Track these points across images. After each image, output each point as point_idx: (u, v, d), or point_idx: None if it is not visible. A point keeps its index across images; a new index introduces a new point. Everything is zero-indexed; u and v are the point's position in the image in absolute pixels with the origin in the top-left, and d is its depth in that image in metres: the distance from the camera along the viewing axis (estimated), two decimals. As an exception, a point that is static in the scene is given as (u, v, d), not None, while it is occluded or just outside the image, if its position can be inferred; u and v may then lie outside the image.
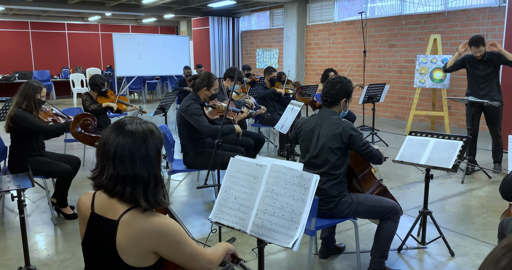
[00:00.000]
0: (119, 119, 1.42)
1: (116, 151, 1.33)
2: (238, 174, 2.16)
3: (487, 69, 5.06)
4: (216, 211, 2.17)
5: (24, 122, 3.50)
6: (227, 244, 1.71)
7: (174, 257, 1.38)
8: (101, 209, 1.38)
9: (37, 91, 3.56)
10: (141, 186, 1.36)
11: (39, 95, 3.58)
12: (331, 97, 2.72)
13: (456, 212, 4.09)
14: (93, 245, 1.39)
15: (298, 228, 1.88)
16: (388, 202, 2.76)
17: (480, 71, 5.10)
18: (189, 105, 3.87)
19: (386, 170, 5.43)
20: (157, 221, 1.34)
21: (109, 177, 1.33)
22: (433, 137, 3.23)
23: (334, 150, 2.64)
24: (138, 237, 1.31)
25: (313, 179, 1.93)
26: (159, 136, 1.42)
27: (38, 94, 3.57)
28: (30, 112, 3.55)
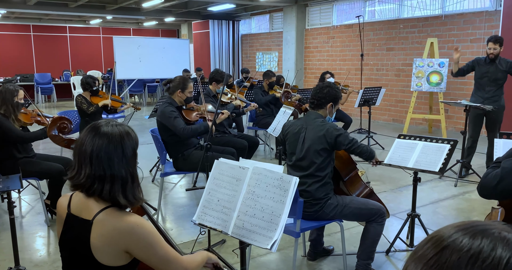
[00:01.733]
0: (94, 122, 1.47)
1: (93, 151, 1.38)
2: (222, 176, 2.20)
3: (497, 73, 5.06)
4: (200, 212, 2.21)
5: (3, 129, 3.54)
6: (208, 253, 1.71)
7: (146, 259, 1.41)
8: (77, 210, 1.42)
9: (14, 95, 3.60)
10: (119, 184, 1.40)
11: (17, 98, 3.62)
12: (318, 100, 2.76)
13: (447, 215, 4.11)
14: (69, 244, 1.43)
15: (277, 229, 1.91)
16: (373, 204, 2.79)
17: (490, 74, 5.10)
18: (164, 109, 3.89)
19: (381, 173, 5.45)
20: (129, 221, 1.37)
21: (87, 176, 1.38)
22: (422, 141, 3.26)
23: (319, 152, 2.68)
24: (111, 236, 1.35)
25: (292, 181, 1.96)
26: (135, 137, 1.47)
27: (16, 97, 3.61)
28: (8, 116, 3.59)
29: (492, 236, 0.58)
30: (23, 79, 13.48)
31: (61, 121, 3.18)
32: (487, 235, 0.58)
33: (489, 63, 5.10)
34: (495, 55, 5.00)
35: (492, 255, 0.55)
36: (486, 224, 0.62)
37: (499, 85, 5.13)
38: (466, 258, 0.56)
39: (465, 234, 0.59)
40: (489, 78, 5.12)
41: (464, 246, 0.57)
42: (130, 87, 13.00)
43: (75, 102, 5.20)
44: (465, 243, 0.58)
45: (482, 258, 0.55)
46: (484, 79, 5.16)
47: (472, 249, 0.56)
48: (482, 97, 5.15)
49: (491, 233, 0.58)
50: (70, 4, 11.60)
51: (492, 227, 0.60)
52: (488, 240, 0.57)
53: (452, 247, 0.58)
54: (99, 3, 11.92)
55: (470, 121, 5.18)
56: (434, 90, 7.63)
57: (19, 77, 13.42)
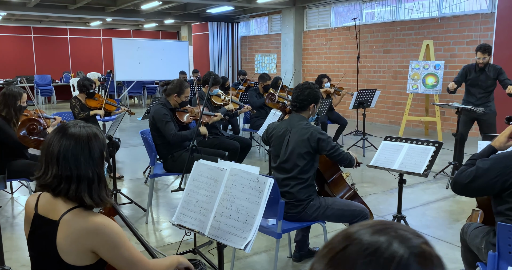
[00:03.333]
0: (63, 123, 1.49)
1: (60, 152, 1.40)
2: (201, 178, 2.22)
3: (487, 81, 5.09)
4: (179, 213, 2.23)
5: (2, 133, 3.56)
6: (179, 257, 1.72)
7: (110, 259, 1.43)
8: (44, 210, 1.44)
9: (17, 98, 3.63)
10: (85, 184, 1.42)
11: (20, 102, 3.65)
12: (300, 103, 2.78)
13: (437, 217, 4.12)
14: (36, 245, 1.46)
15: (252, 230, 1.93)
16: (356, 206, 2.80)
17: (480, 80, 5.13)
18: (157, 111, 3.93)
19: (373, 175, 5.46)
20: (96, 221, 1.39)
21: (53, 176, 1.40)
22: (407, 143, 3.27)
23: (303, 155, 2.69)
24: (77, 236, 1.37)
25: (267, 182, 1.98)
26: (102, 139, 1.49)
27: (19, 101, 3.64)
28: (10, 119, 3.62)
29: (387, 233, 0.61)
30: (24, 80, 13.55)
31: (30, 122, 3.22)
32: (384, 233, 0.61)
33: (479, 71, 5.13)
34: (484, 64, 5.04)
35: (388, 250, 0.59)
36: (388, 223, 0.65)
37: (490, 92, 5.17)
38: (366, 252, 0.60)
39: (369, 231, 0.62)
40: (480, 86, 5.16)
41: (366, 242, 0.61)
42: (129, 88, 13.05)
43: (70, 104, 5.24)
44: (367, 239, 0.61)
45: (379, 253, 0.59)
46: (475, 87, 5.20)
47: (372, 244, 0.60)
48: (474, 103, 5.18)
49: (387, 231, 0.62)
50: (70, 6, 11.66)
51: (392, 226, 0.64)
52: (383, 236, 0.60)
53: (356, 243, 0.62)
54: (98, 5, 11.98)
55: (461, 123, 5.20)
56: (430, 92, 7.64)
57: (20, 79, 13.48)
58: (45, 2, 11.08)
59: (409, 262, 0.58)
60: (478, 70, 5.11)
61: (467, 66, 5.28)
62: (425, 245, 0.62)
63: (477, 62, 5.06)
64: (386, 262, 0.58)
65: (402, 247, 0.60)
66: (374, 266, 0.58)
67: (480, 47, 5.07)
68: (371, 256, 0.59)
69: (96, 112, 5.12)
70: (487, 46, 5.05)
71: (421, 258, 0.60)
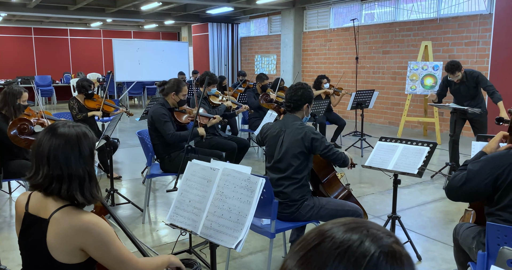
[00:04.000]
0: (52, 123, 1.51)
1: (50, 151, 1.42)
2: (194, 178, 2.24)
3: (468, 90, 5.13)
4: (172, 213, 2.25)
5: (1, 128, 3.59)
6: (170, 257, 1.73)
7: (100, 258, 1.44)
8: (35, 209, 1.46)
9: (17, 97, 3.66)
10: (77, 182, 1.44)
11: (20, 100, 3.67)
12: (294, 103, 2.79)
13: (433, 217, 4.13)
14: (26, 243, 1.47)
15: (243, 229, 1.94)
16: (350, 206, 2.82)
17: (462, 91, 5.18)
18: (156, 110, 3.96)
19: (370, 175, 5.48)
20: (85, 219, 1.41)
21: (44, 176, 1.42)
22: (402, 143, 3.29)
23: (297, 155, 2.71)
24: (66, 234, 1.39)
25: (259, 182, 2.00)
26: (92, 137, 1.51)
27: (19, 100, 3.66)
28: (9, 117, 3.64)
29: (360, 231, 0.62)
30: (24, 81, 13.58)
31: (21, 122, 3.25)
32: (357, 231, 0.62)
33: (459, 83, 5.15)
34: (461, 80, 5.07)
35: (359, 248, 0.61)
36: (361, 221, 0.67)
37: (476, 97, 5.19)
38: (338, 250, 0.61)
39: (342, 229, 0.63)
40: (464, 96, 5.20)
41: (338, 239, 0.62)
42: (129, 89, 13.07)
43: (68, 105, 5.26)
44: (340, 237, 0.62)
45: (350, 251, 0.61)
46: (459, 96, 5.25)
47: (344, 242, 0.61)
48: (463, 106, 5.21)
49: (360, 229, 0.63)
50: (70, 7, 11.70)
51: (365, 225, 0.65)
52: (356, 234, 0.62)
53: (329, 240, 0.63)
54: (98, 6, 12.01)
55: (452, 123, 5.23)
56: (428, 93, 7.62)
57: (20, 79, 13.52)
58: (45, 3, 11.11)
59: (380, 260, 0.60)
60: (458, 83, 5.15)
61: (445, 79, 5.30)
62: (396, 244, 0.64)
63: (454, 81, 5.11)
64: (357, 260, 0.59)
65: (373, 245, 0.61)
66: (345, 264, 0.59)
67: (447, 69, 5.07)
68: (342, 254, 0.60)
69: (94, 113, 5.15)
70: (452, 66, 5.03)
71: (391, 257, 0.61)
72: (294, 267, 0.62)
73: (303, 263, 0.61)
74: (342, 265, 0.59)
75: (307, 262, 0.61)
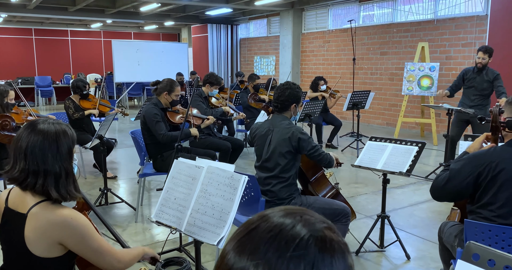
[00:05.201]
0: (33, 119, 1.54)
1: (28, 147, 1.45)
2: (179, 176, 2.26)
3: (483, 83, 5.15)
4: (158, 210, 2.28)
5: None
6: (144, 248, 1.77)
7: (79, 250, 1.47)
8: (14, 204, 1.49)
9: (4, 95, 3.71)
10: (52, 178, 1.47)
11: (7, 99, 3.72)
12: (281, 103, 2.82)
13: (424, 217, 4.15)
14: (5, 237, 1.50)
15: (225, 226, 1.97)
16: (338, 204, 2.84)
17: (476, 82, 5.20)
18: (148, 110, 3.99)
19: (364, 176, 5.49)
20: (63, 214, 1.44)
21: (21, 170, 1.45)
22: (391, 143, 3.31)
23: (284, 154, 2.73)
24: (44, 228, 1.41)
25: (241, 180, 2.02)
26: (72, 135, 1.54)
27: (6, 98, 3.71)
28: None
29: (295, 217, 0.65)
30: (24, 82, 13.67)
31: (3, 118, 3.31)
32: (292, 216, 0.65)
33: (476, 73, 5.19)
34: (483, 65, 5.10)
35: (290, 232, 0.63)
36: (299, 209, 0.69)
37: (485, 96, 5.21)
38: (270, 234, 0.63)
39: (279, 214, 0.66)
40: (476, 88, 5.21)
41: (273, 223, 0.65)
42: (128, 90, 13.11)
43: (64, 105, 5.30)
44: (275, 221, 0.65)
45: (282, 234, 0.63)
46: (471, 88, 5.26)
47: (277, 226, 0.64)
48: (467, 104, 5.23)
49: (295, 215, 0.65)
50: (70, 8, 11.75)
51: (301, 211, 0.67)
52: (290, 219, 0.64)
53: (265, 223, 0.65)
54: (98, 7, 12.07)
55: (453, 124, 5.24)
56: (425, 94, 7.66)
57: (20, 80, 13.60)
58: (45, 4, 11.17)
59: (309, 243, 0.62)
60: (476, 71, 5.19)
61: (465, 68, 5.40)
62: (327, 230, 0.65)
63: (476, 62, 5.15)
64: (287, 242, 0.61)
65: (304, 229, 0.63)
66: (275, 246, 0.61)
67: (482, 47, 5.19)
68: (274, 237, 0.62)
69: (90, 111, 5.19)
70: (489, 48, 5.16)
71: (321, 241, 0.63)
72: (231, 250, 0.64)
73: (239, 246, 0.64)
74: (273, 247, 0.61)
75: (243, 245, 0.63)
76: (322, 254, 0.61)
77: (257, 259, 0.60)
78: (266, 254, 0.60)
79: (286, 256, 0.60)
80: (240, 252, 0.63)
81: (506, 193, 1.90)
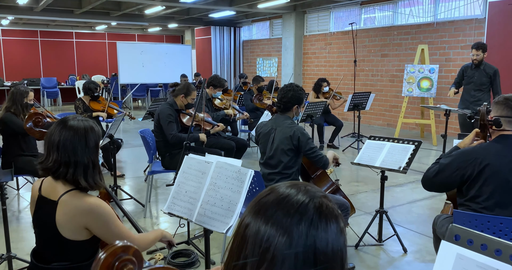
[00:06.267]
0: (64, 117, 1.72)
1: (60, 140, 1.63)
2: (190, 170, 2.43)
3: (481, 78, 5.40)
4: (170, 203, 2.44)
5: (11, 123, 3.84)
6: (162, 231, 1.95)
7: (102, 235, 1.64)
8: (46, 192, 1.67)
9: (24, 96, 3.90)
10: (81, 169, 1.65)
11: (26, 99, 3.91)
12: (284, 104, 2.98)
13: (421, 214, 4.31)
14: (39, 222, 1.68)
15: (233, 216, 2.14)
16: (337, 199, 3.00)
17: (475, 78, 5.44)
18: (163, 110, 4.17)
19: (365, 174, 5.65)
20: (90, 202, 1.61)
21: (54, 161, 1.63)
22: (389, 142, 3.47)
23: (286, 152, 2.90)
24: (73, 214, 1.59)
25: (248, 173, 2.19)
26: (98, 131, 1.72)
27: (25, 99, 3.90)
28: (18, 115, 3.88)
29: (299, 188, 0.82)
30: (30, 83, 13.85)
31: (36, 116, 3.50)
32: (296, 188, 0.82)
33: (474, 69, 5.42)
34: (478, 61, 5.33)
35: (294, 198, 0.80)
36: (304, 183, 0.86)
37: (484, 91, 5.38)
38: (278, 199, 0.80)
39: (286, 185, 0.83)
40: (475, 83, 5.42)
41: (280, 192, 0.82)
42: (133, 91, 13.32)
43: (74, 105, 5.48)
44: (282, 191, 0.82)
45: (287, 199, 0.80)
46: (470, 84, 5.47)
47: (284, 194, 0.81)
48: (468, 100, 5.41)
49: (299, 187, 0.82)
50: (75, 10, 11.96)
51: (304, 184, 0.84)
52: (294, 189, 0.81)
53: (275, 192, 0.83)
54: (103, 10, 12.27)
55: (460, 124, 5.45)
56: (425, 95, 7.82)
57: (26, 81, 13.79)
58: (51, 6, 11.37)
59: (308, 208, 0.78)
60: (474, 67, 5.45)
61: (464, 65, 5.66)
62: (325, 198, 0.82)
63: (472, 59, 5.40)
64: (291, 206, 0.78)
65: (305, 197, 0.80)
66: (281, 209, 0.78)
67: (474, 44, 5.48)
68: (280, 201, 0.79)
69: (98, 114, 5.37)
70: (480, 44, 5.42)
71: (319, 206, 0.79)
72: (248, 214, 0.81)
73: (254, 211, 0.81)
74: (280, 209, 0.78)
75: (257, 210, 0.80)
76: (319, 214, 0.78)
77: (268, 218, 0.77)
78: (275, 214, 0.77)
79: (290, 215, 0.77)
80: (255, 215, 0.80)
81: (491, 186, 2.06)
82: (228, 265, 0.82)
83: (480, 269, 1.33)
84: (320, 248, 0.76)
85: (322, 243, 0.76)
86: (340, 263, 0.78)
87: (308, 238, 0.75)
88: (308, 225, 0.76)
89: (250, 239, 0.78)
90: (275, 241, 0.75)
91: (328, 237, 0.77)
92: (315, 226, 0.76)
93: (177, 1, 10.06)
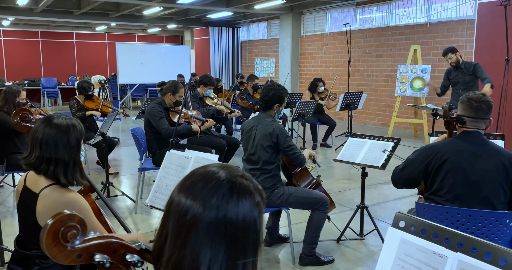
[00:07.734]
0: (49, 114, 1.84)
1: (43, 138, 1.74)
2: (171, 165, 2.56)
3: (465, 77, 5.64)
4: (152, 196, 2.57)
5: (4, 121, 3.96)
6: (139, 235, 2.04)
7: None
8: (30, 184, 1.78)
9: (16, 95, 4.02)
10: (62, 166, 1.75)
11: (18, 99, 4.04)
12: (266, 102, 3.10)
13: (405, 210, 4.41)
14: (22, 211, 1.80)
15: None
16: (317, 194, 3.11)
17: (459, 78, 5.68)
18: (152, 108, 4.30)
19: (354, 172, 5.76)
20: (68, 196, 1.73)
21: (36, 157, 1.74)
22: (370, 139, 3.58)
23: (266, 148, 3.02)
24: (52, 206, 1.70)
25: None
26: (80, 129, 1.83)
27: (17, 98, 4.03)
28: (10, 114, 4.00)
29: (222, 168, 0.93)
30: (31, 83, 14.04)
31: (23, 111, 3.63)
32: (222, 167, 0.93)
33: (457, 70, 5.64)
34: (455, 62, 5.58)
35: (214, 175, 0.91)
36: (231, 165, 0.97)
37: (470, 89, 5.51)
38: (201, 176, 0.92)
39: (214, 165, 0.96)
40: (461, 83, 5.60)
41: (206, 170, 0.93)
42: (132, 91, 13.46)
43: (69, 104, 5.61)
44: (208, 169, 0.94)
45: (208, 176, 0.91)
46: (457, 84, 5.67)
47: (207, 171, 0.93)
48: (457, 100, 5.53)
49: (223, 166, 0.94)
50: (75, 11, 12.10)
51: (229, 166, 0.96)
52: (218, 168, 0.92)
53: (201, 170, 0.94)
54: (102, 11, 12.42)
55: None
56: (417, 95, 7.92)
57: (27, 82, 13.97)
58: (51, 7, 11.52)
59: (223, 184, 0.89)
60: (456, 70, 5.66)
61: (448, 69, 5.90)
62: (241, 178, 0.92)
63: (450, 63, 5.70)
64: (210, 180, 0.89)
65: (224, 174, 0.91)
66: (201, 183, 0.89)
67: (442, 52, 5.83)
68: (202, 177, 0.91)
69: (92, 112, 5.50)
70: (445, 50, 5.76)
71: (232, 184, 0.90)
72: (176, 189, 0.93)
73: (181, 185, 0.92)
74: (200, 183, 0.89)
75: (183, 185, 0.92)
76: (231, 190, 0.89)
77: (187, 191, 0.89)
78: (196, 188, 0.89)
79: (206, 188, 0.88)
80: (179, 189, 0.92)
81: (451, 180, 2.17)
82: (155, 237, 0.94)
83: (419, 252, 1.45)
84: (231, 220, 0.87)
85: (233, 216, 0.87)
86: (253, 234, 0.90)
87: (219, 210, 0.86)
88: (221, 199, 0.87)
89: (173, 210, 0.89)
90: (193, 211, 0.87)
91: (238, 210, 0.88)
92: (227, 200, 0.87)
93: (175, 2, 10.19)
